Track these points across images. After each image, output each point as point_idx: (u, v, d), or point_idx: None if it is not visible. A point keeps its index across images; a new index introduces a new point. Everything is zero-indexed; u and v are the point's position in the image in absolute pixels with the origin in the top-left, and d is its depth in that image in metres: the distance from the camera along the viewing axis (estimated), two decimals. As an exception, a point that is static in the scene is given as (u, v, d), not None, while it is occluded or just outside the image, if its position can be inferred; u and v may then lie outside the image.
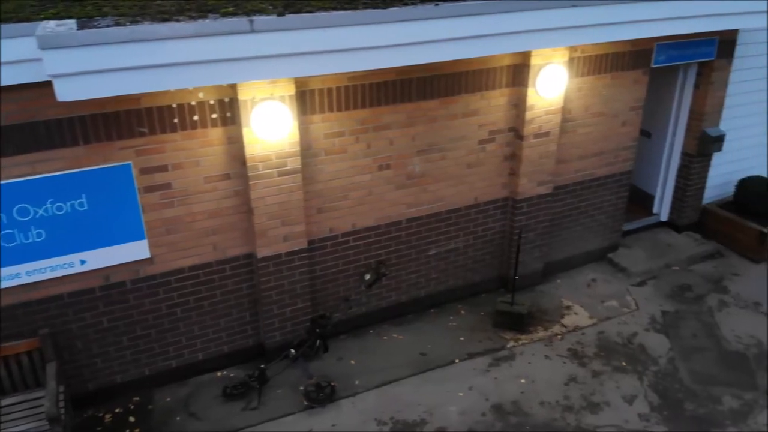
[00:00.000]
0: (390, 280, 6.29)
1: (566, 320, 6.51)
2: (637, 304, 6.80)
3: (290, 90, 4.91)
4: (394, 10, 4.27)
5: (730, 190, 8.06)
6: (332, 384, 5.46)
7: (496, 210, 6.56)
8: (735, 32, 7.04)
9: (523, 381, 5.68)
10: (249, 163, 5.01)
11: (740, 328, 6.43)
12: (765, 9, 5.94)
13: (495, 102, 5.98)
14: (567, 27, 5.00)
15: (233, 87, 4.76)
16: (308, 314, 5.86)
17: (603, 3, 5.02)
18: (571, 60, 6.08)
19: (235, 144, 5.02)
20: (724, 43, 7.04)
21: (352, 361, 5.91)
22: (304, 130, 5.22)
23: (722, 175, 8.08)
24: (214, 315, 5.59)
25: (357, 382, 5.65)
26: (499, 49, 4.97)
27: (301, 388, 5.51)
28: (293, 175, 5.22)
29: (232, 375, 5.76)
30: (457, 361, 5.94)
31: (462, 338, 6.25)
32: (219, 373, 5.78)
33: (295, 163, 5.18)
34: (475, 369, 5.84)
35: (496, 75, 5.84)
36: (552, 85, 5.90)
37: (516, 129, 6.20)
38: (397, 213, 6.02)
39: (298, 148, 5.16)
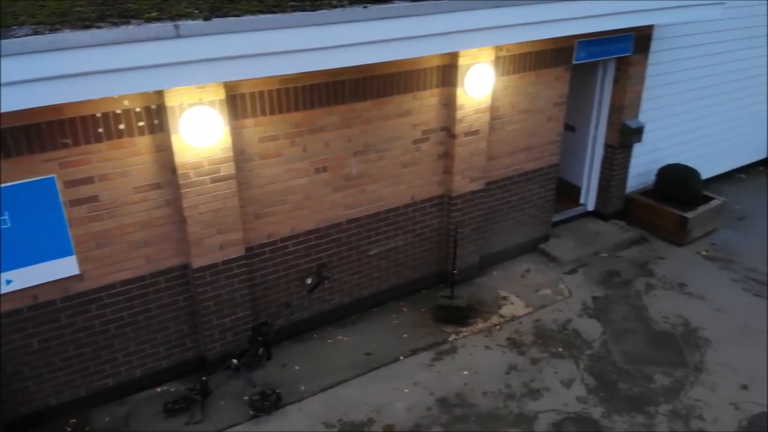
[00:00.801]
0: (332, 282, 6.29)
1: (504, 310, 6.70)
2: (570, 291, 7.08)
3: (220, 94, 4.82)
4: (322, 13, 4.27)
5: (651, 178, 8.51)
6: (277, 391, 5.40)
7: (432, 208, 6.67)
8: (650, 28, 7.44)
9: (465, 373, 5.81)
10: (180, 171, 4.89)
11: (667, 308, 6.80)
12: (677, 5, 6.31)
13: (427, 102, 6.08)
14: (492, 27, 5.15)
15: (160, 93, 4.63)
16: (249, 323, 5.77)
17: (526, 3, 5.20)
18: (497, 59, 6.26)
19: (164, 152, 4.88)
20: (640, 39, 7.42)
21: (297, 367, 5.87)
22: (236, 134, 5.14)
23: (643, 165, 8.52)
24: (151, 329, 5.42)
25: (302, 388, 5.61)
26: (427, 51, 5.06)
27: (246, 397, 5.43)
28: (227, 181, 5.13)
29: (172, 390, 5.60)
30: (401, 358, 6.01)
31: (405, 335, 6.32)
32: (159, 389, 5.61)
33: (228, 169, 5.10)
34: (420, 364, 5.92)
35: (426, 76, 5.94)
36: (480, 85, 6.06)
37: (448, 128, 6.33)
38: (336, 215, 6.02)
39: (231, 154, 5.07)
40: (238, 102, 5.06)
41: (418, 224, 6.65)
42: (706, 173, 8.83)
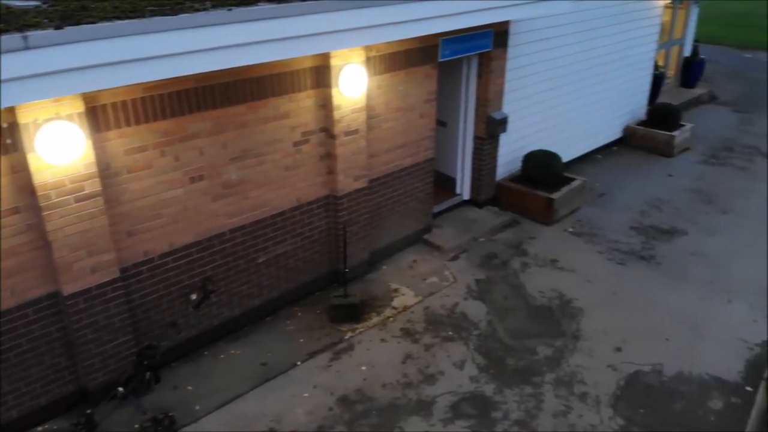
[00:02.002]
0: (219, 295, 6.10)
1: (396, 302, 6.86)
2: (454, 276, 7.39)
3: (78, 107, 4.51)
4: (184, 17, 4.13)
5: (518, 165, 9.09)
6: (170, 414, 5.15)
7: (319, 209, 6.67)
8: (507, 24, 7.94)
9: (364, 368, 5.88)
10: (40, 192, 4.51)
11: (542, 284, 7.31)
12: (529, 1, 6.78)
13: (303, 103, 6.07)
14: (360, 27, 5.24)
15: (11, 110, 4.24)
16: (132, 348, 5.45)
17: (389, 3, 5.34)
18: (368, 59, 6.38)
19: (20, 173, 4.48)
20: (499, 35, 7.89)
21: (190, 387, 5.63)
22: (99, 148, 4.83)
23: (510, 153, 9.07)
24: (24, 366, 4.96)
25: (197, 407, 5.40)
26: (294, 53, 5.05)
27: (137, 425, 5.12)
28: (93, 199, 4.81)
29: (55, 428, 5.16)
30: (299, 363, 5.96)
31: (301, 340, 6.27)
32: (40, 428, 5.15)
33: (93, 186, 4.78)
34: (318, 367, 5.91)
35: (300, 77, 5.93)
36: (354, 85, 6.15)
37: (327, 129, 6.36)
38: (218, 225, 5.85)
39: (95, 169, 4.76)
40: (99, 114, 4.76)
41: (306, 227, 6.63)
42: (566, 156, 9.57)
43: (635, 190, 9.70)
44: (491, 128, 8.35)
